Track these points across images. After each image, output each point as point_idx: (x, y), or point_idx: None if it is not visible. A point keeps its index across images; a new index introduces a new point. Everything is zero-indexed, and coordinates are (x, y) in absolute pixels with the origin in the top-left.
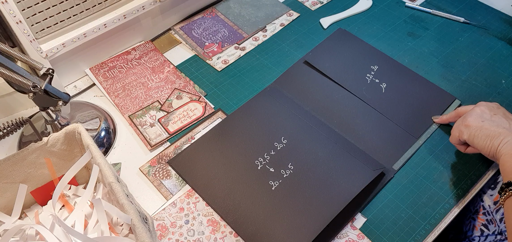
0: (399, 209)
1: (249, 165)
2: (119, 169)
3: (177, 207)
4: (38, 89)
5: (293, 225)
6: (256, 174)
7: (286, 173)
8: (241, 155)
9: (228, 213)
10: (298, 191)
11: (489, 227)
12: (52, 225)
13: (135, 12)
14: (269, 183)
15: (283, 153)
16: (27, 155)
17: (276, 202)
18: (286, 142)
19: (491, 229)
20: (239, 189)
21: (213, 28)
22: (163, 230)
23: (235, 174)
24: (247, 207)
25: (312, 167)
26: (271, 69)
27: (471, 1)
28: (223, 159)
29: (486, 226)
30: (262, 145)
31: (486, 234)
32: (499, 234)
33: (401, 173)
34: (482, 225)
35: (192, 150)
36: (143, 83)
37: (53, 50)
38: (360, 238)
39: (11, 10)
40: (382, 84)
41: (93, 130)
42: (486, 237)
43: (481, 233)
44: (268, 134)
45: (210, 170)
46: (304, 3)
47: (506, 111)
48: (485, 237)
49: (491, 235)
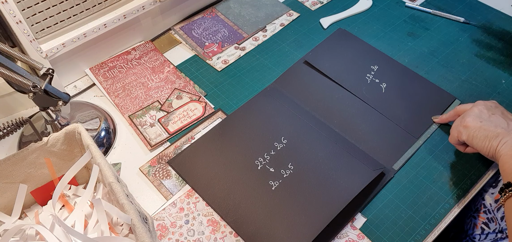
0: (399, 209)
1: (249, 165)
2: (119, 169)
3: (177, 207)
4: (38, 89)
5: (293, 225)
6: (256, 174)
7: (286, 173)
8: (241, 155)
9: (228, 213)
10: (298, 191)
11: (490, 225)
12: (52, 225)
13: (135, 12)
14: (269, 183)
15: (283, 153)
16: (27, 155)
17: (276, 202)
18: (286, 142)
19: (492, 227)
20: (239, 189)
21: (213, 28)
22: (163, 230)
23: (235, 174)
24: (247, 207)
25: (312, 167)
26: (271, 69)
27: (471, 1)
28: (223, 159)
29: (487, 225)
30: (262, 145)
31: (487, 232)
32: (500, 232)
33: (401, 173)
34: (483, 223)
35: (192, 150)
36: (143, 83)
37: (53, 50)
38: (360, 238)
39: (11, 10)
40: (382, 84)
41: (93, 130)
42: (486, 235)
43: (482, 231)
44: (268, 133)
45: (210, 170)
46: (304, 3)
47: (504, 109)
48: (485, 235)
49: (491, 233)
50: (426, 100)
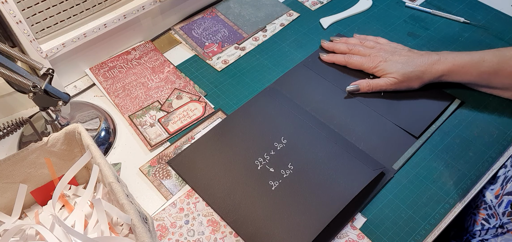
0: (399, 209)
1: (249, 165)
2: (119, 169)
3: (177, 207)
4: (38, 89)
5: (293, 225)
6: (256, 174)
7: (286, 173)
8: (241, 155)
9: (228, 213)
10: (298, 191)
11: (490, 221)
12: (52, 225)
13: (135, 12)
14: (269, 183)
15: (283, 153)
16: (27, 155)
17: (276, 202)
18: (286, 142)
19: (492, 222)
20: (239, 189)
21: (213, 28)
22: (163, 230)
23: (235, 174)
24: (247, 207)
25: (312, 167)
26: (271, 69)
27: (471, 1)
28: (223, 159)
29: (487, 220)
30: (262, 145)
31: (487, 227)
32: (500, 227)
33: (401, 173)
34: (483, 219)
35: (192, 150)
36: (143, 83)
37: (53, 50)
38: (360, 238)
39: (11, 10)
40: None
41: (93, 130)
42: (487, 230)
43: (482, 227)
44: (268, 134)
45: (210, 170)
46: (304, 3)
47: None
48: (485, 231)
49: (491, 228)
50: (425, 100)
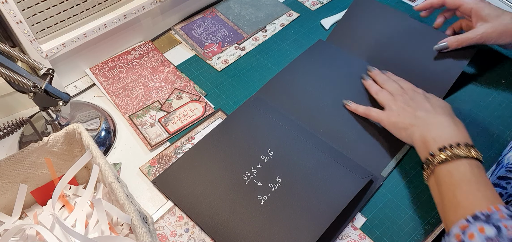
0: (399, 209)
1: (236, 180)
2: (119, 169)
3: (176, 215)
4: (38, 89)
5: (283, 240)
6: (243, 189)
7: (275, 187)
8: (228, 170)
9: (216, 232)
10: (287, 204)
11: None
12: (52, 225)
13: (135, 12)
14: (257, 198)
15: (270, 166)
16: (27, 155)
17: (265, 217)
18: (273, 154)
19: None
20: (227, 206)
21: (213, 28)
22: (163, 239)
23: (222, 190)
24: (236, 225)
25: (301, 178)
26: (271, 69)
27: None
28: (210, 175)
29: None
30: (248, 159)
31: None
32: None
33: (401, 173)
34: None
35: (177, 168)
36: (143, 83)
37: (53, 50)
38: (362, 238)
39: (11, 10)
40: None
41: (93, 130)
42: None
43: None
44: (254, 146)
45: (196, 187)
46: (304, 3)
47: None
48: None
49: None
50: None
